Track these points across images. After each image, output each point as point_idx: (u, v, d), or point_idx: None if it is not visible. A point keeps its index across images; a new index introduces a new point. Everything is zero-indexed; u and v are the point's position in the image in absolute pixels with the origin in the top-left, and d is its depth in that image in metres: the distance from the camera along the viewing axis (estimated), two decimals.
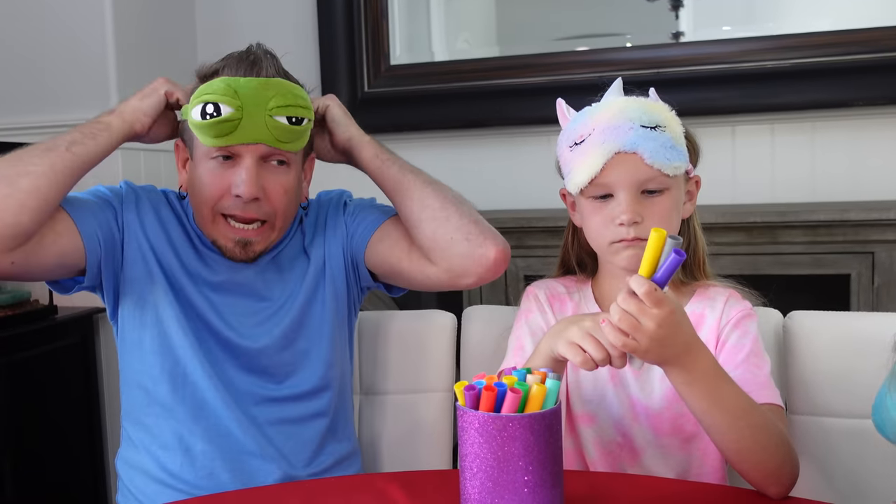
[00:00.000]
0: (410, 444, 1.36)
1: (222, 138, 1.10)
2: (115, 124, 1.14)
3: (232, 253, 1.17)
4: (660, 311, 0.82)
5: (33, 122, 2.11)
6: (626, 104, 1.02)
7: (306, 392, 1.21)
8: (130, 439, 1.21)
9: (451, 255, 1.15)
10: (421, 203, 1.17)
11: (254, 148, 1.11)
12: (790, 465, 0.92)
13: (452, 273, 1.17)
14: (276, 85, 1.11)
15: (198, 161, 1.15)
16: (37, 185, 1.05)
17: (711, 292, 1.08)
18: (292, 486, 1.02)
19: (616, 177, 1.00)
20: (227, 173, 1.13)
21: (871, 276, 1.78)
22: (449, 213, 1.16)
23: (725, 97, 2.05)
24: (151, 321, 1.17)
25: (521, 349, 1.10)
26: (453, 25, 2.45)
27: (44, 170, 1.07)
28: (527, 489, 0.78)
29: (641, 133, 0.99)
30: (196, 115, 1.09)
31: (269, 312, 1.21)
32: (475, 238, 1.15)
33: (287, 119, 1.10)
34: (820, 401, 1.18)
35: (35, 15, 2.12)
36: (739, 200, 2.08)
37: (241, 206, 1.13)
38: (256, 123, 1.09)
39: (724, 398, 0.89)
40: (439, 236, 1.15)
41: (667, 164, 0.99)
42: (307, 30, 2.35)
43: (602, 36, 2.24)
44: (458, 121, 2.27)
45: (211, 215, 1.15)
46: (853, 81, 1.97)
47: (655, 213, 1.00)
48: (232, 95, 1.08)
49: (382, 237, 1.23)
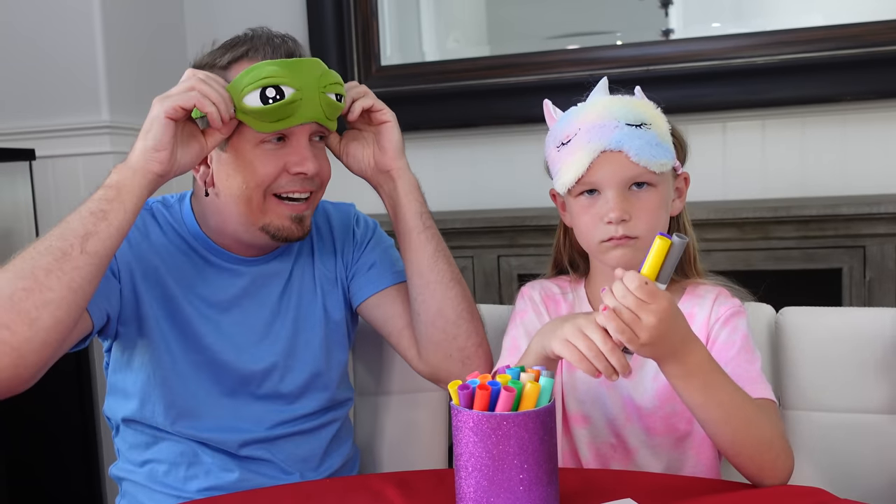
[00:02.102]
0: (405, 444, 1.36)
1: (283, 121, 1.05)
2: (126, 185, 0.99)
3: (289, 231, 1.12)
4: (657, 306, 0.83)
5: (21, 128, 2.11)
6: (611, 103, 1.02)
7: (321, 408, 1.21)
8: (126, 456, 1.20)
9: (441, 367, 1.15)
10: (438, 307, 1.13)
11: (308, 127, 1.09)
12: (785, 458, 0.92)
13: (432, 377, 1.17)
14: (319, 63, 1.09)
15: (242, 149, 1.08)
16: (57, 318, 0.94)
17: (701, 290, 1.09)
18: (289, 487, 1.02)
19: (602, 175, 1.00)
20: (281, 153, 1.08)
21: (863, 269, 1.79)
22: (458, 332, 1.14)
23: (716, 94, 2.06)
24: (139, 363, 1.14)
25: (516, 349, 1.10)
26: (443, 25, 2.45)
27: (63, 294, 0.94)
28: (522, 487, 0.78)
29: (627, 131, 0.99)
30: (254, 102, 1.02)
31: (267, 326, 1.18)
32: (471, 363, 1.14)
33: (335, 96, 1.08)
34: (812, 396, 1.18)
35: (23, 17, 2.11)
36: (731, 196, 2.09)
37: (301, 182, 1.10)
38: (312, 102, 1.05)
39: (719, 391, 0.90)
40: (441, 350, 1.14)
41: (653, 161, 0.99)
42: (297, 31, 2.33)
43: (592, 34, 2.24)
44: (449, 120, 2.27)
45: (262, 198, 1.10)
46: (843, 76, 1.98)
47: (643, 209, 1.00)
48: (292, 77, 1.03)
49: (381, 303, 1.20)
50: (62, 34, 2.09)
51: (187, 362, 1.14)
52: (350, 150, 1.18)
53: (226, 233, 1.15)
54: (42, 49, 2.10)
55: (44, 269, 0.94)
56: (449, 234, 2.03)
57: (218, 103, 1.01)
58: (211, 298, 1.16)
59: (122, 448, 1.21)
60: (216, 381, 1.15)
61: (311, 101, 1.05)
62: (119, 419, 1.19)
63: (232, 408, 1.15)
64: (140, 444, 1.18)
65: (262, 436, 1.16)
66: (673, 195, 1.07)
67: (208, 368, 1.14)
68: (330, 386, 1.22)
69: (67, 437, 1.99)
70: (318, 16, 2.32)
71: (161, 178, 1.02)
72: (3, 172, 1.94)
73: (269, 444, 1.17)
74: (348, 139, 1.18)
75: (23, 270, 0.94)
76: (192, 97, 1.00)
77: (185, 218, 1.18)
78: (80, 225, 0.96)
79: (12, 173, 1.94)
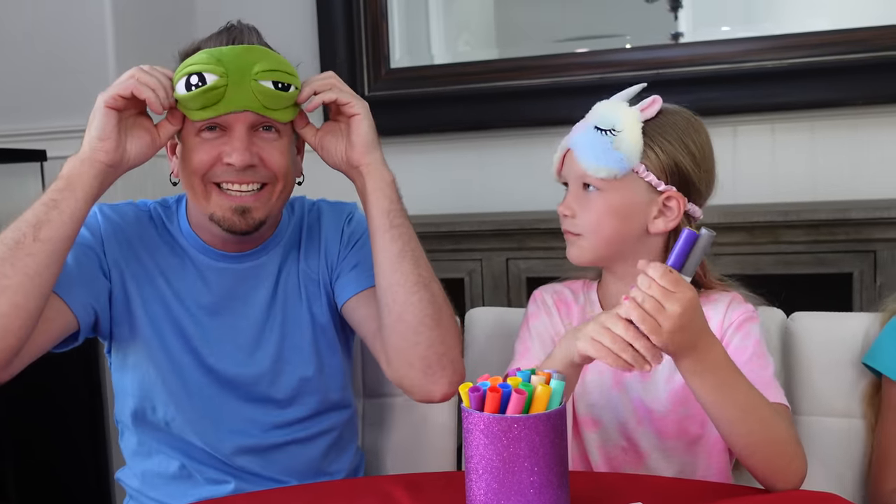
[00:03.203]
0: (414, 446, 1.36)
1: (210, 108, 1.04)
2: (75, 174, 1.02)
3: (231, 223, 1.09)
4: (682, 294, 0.84)
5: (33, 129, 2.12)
6: (603, 106, 1.07)
7: (315, 413, 1.20)
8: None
9: (404, 374, 1.10)
10: (399, 312, 1.08)
11: (243, 117, 1.06)
12: (799, 461, 0.92)
13: (399, 385, 1.13)
14: (258, 50, 1.06)
15: (186, 139, 1.10)
16: (15, 303, 0.97)
17: (714, 296, 1.08)
18: (296, 489, 1.02)
19: (565, 171, 1.09)
20: (217, 143, 1.08)
21: (874, 274, 1.78)
22: (419, 339, 1.08)
23: (725, 97, 2.05)
24: (133, 363, 1.14)
25: (527, 352, 1.10)
26: (453, 27, 2.45)
27: (19, 280, 0.97)
28: (532, 490, 0.78)
29: (588, 134, 1.04)
30: (181, 89, 1.04)
31: (257, 331, 1.17)
32: (432, 374, 1.08)
33: (273, 84, 1.04)
34: (823, 401, 1.18)
35: (35, 19, 2.12)
36: (741, 200, 2.08)
37: (235, 173, 1.08)
38: (243, 90, 1.04)
39: (735, 390, 0.89)
40: (402, 356, 1.09)
41: (592, 166, 1.03)
42: (307, 33, 2.35)
43: (601, 37, 2.24)
44: (458, 123, 2.27)
45: (203, 186, 1.09)
46: (853, 80, 1.97)
47: (589, 209, 1.05)
48: (215, 63, 1.03)
49: (359, 305, 1.16)
50: (74, 36, 2.10)
51: (180, 363, 1.14)
52: (324, 144, 1.13)
53: (202, 225, 1.15)
54: (54, 51, 2.11)
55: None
56: (457, 237, 2.05)
57: (156, 89, 1.03)
58: (200, 300, 1.15)
59: (125, 454, 1.22)
60: (207, 384, 1.15)
61: (240, 88, 1.04)
62: (121, 421, 1.19)
63: (224, 410, 1.15)
64: (140, 453, 1.18)
65: (255, 443, 1.16)
66: (652, 211, 1.04)
67: (199, 370, 1.14)
68: (323, 390, 1.20)
69: (78, 432, 1.99)
70: (328, 18, 2.32)
71: (111, 169, 1.04)
72: (15, 173, 1.95)
73: (264, 454, 1.16)
74: (324, 132, 1.14)
75: None
76: (129, 84, 1.02)
77: (179, 217, 1.19)
78: (33, 215, 1.00)
79: (24, 174, 1.95)
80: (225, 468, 1.16)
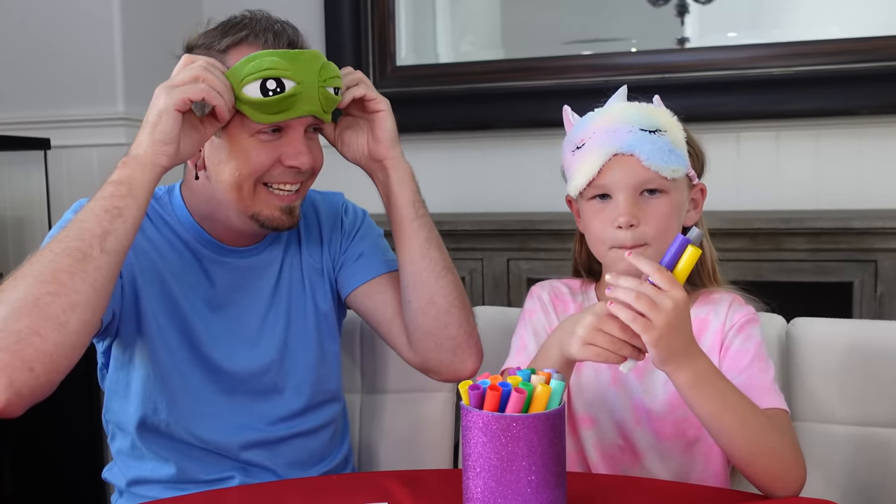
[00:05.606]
0: (411, 443, 1.36)
1: (281, 113, 1.03)
2: (137, 180, 0.97)
3: (279, 222, 1.10)
4: (675, 293, 0.84)
5: (37, 117, 2.12)
6: (627, 108, 1.03)
7: (320, 402, 1.20)
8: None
9: (432, 356, 1.13)
10: (430, 296, 1.12)
11: (304, 120, 1.07)
12: (798, 468, 0.92)
13: (423, 367, 1.16)
14: (321, 56, 1.07)
15: (237, 138, 1.06)
16: (85, 321, 0.91)
17: (715, 297, 1.08)
18: (294, 482, 1.02)
19: (613, 178, 1.00)
20: (276, 144, 1.06)
21: (874, 284, 1.78)
22: (450, 320, 1.12)
23: (730, 103, 2.06)
24: (140, 360, 1.12)
25: (523, 348, 1.10)
26: (459, 27, 2.45)
27: (88, 296, 0.91)
28: (530, 489, 0.78)
29: (640, 136, 0.99)
30: (254, 93, 1.00)
31: (261, 323, 1.17)
32: (462, 352, 1.13)
33: (334, 90, 1.06)
34: (823, 407, 1.18)
35: (40, 8, 2.12)
36: (743, 207, 2.08)
37: (293, 174, 1.08)
38: (311, 96, 1.04)
39: (731, 400, 0.89)
40: (431, 339, 1.12)
41: (664, 167, 0.99)
42: (314, 30, 2.35)
43: (607, 41, 2.24)
44: (462, 122, 2.28)
45: (253, 187, 1.08)
46: (858, 89, 1.97)
47: (654, 215, 1.00)
48: (293, 69, 1.01)
49: (371, 293, 1.19)
50: (80, 25, 2.10)
51: (185, 359, 1.13)
52: (344, 139, 1.15)
53: (217, 219, 1.13)
54: (59, 39, 2.11)
55: (66, 271, 0.90)
56: (459, 236, 2.05)
57: (223, 93, 0.99)
58: (205, 294, 1.14)
59: (116, 455, 1.20)
60: (213, 379, 1.14)
61: (310, 94, 1.03)
62: (113, 422, 1.17)
63: (231, 406, 1.14)
64: (133, 456, 1.16)
65: (263, 436, 1.15)
66: (688, 206, 1.06)
67: (205, 366, 1.13)
68: (323, 378, 1.21)
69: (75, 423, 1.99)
70: (336, 15, 2.32)
71: (165, 171, 1.00)
72: (19, 161, 1.95)
73: (271, 448, 1.16)
74: (342, 127, 1.15)
75: (43, 274, 0.90)
76: (202, 89, 0.97)
77: (175, 209, 1.16)
78: (97, 224, 0.94)
79: (27, 162, 1.96)
80: (229, 464, 1.15)
